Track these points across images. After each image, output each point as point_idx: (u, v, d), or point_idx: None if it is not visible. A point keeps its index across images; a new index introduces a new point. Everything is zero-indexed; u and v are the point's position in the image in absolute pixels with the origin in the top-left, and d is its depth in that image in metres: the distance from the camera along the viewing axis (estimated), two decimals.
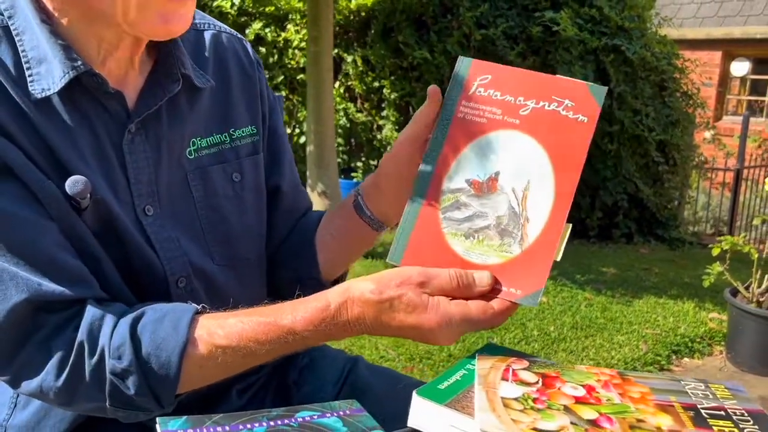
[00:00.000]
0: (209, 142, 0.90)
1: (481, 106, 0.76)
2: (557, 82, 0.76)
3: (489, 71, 0.77)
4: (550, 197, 0.73)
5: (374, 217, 0.92)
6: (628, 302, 3.93)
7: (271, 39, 5.99)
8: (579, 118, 0.74)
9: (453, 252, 0.74)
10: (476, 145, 0.76)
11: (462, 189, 0.75)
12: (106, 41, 0.77)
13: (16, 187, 0.72)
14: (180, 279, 0.84)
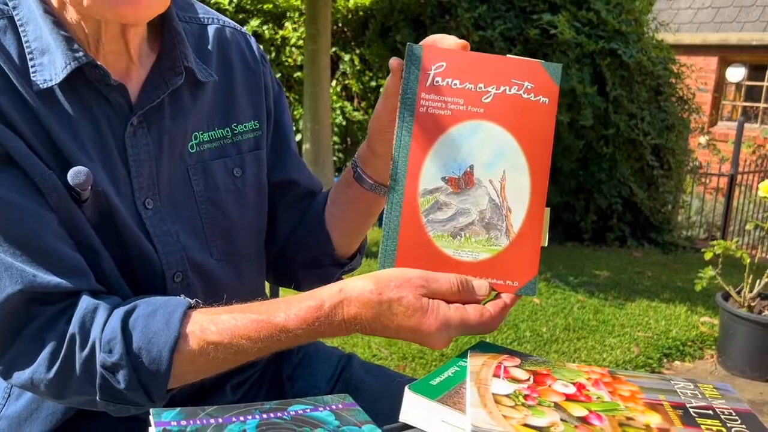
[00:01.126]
0: (211, 136, 0.90)
1: (442, 98, 0.73)
2: (513, 63, 0.74)
3: (443, 58, 0.74)
4: (527, 184, 0.74)
5: (377, 182, 0.90)
6: (621, 305, 3.94)
7: (268, 36, 5.99)
8: (540, 100, 0.74)
9: (443, 254, 0.74)
10: (445, 140, 0.73)
11: (439, 188, 0.74)
12: (89, 27, 0.77)
13: (17, 176, 0.72)
14: (176, 274, 0.85)
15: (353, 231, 0.99)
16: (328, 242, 0.98)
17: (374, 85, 5.90)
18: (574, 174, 5.41)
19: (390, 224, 0.73)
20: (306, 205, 1.02)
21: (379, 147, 0.86)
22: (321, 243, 0.98)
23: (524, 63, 0.74)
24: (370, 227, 1.01)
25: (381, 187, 0.91)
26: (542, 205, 0.74)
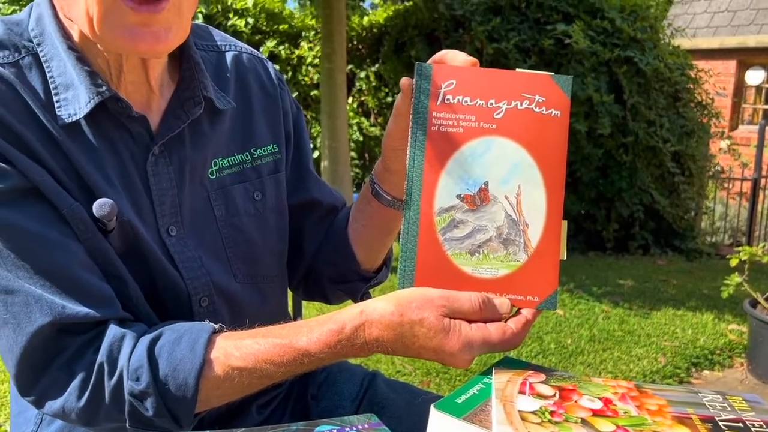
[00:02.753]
0: (231, 162, 0.91)
1: (454, 115, 0.73)
2: (523, 77, 0.74)
3: (452, 75, 0.73)
4: (543, 198, 0.74)
5: (394, 198, 0.90)
6: (646, 314, 3.89)
7: (284, 56, 6.07)
8: (552, 113, 0.74)
9: (462, 272, 0.73)
10: (458, 157, 0.73)
11: (455, 206, 0.73)
12: (112, 60, 0.79)
13: (45, 208, 0.74)
14: (203, 298, 0.86)
15: (376, 246, 0.99)
16: (352, 258, 0.99)
17: (390, 101, 5.94)
18: (594, 183, 5.37)
19: (407, 244, 0.73)
20: (329, 222, 1.04)
21: (393, 164, 0.86)
22: (346, 259, 0.99)
23: (534, 77, 0.74)
24: (392, 241, 1.02)
25: (399, 202, 0.91)
26: (559, 219, 0.74)
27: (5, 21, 0.81)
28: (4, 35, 0.79)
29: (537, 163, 0.74)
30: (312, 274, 1.05)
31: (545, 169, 0.74)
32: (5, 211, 0.72)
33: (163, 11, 0.72)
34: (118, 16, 0.71)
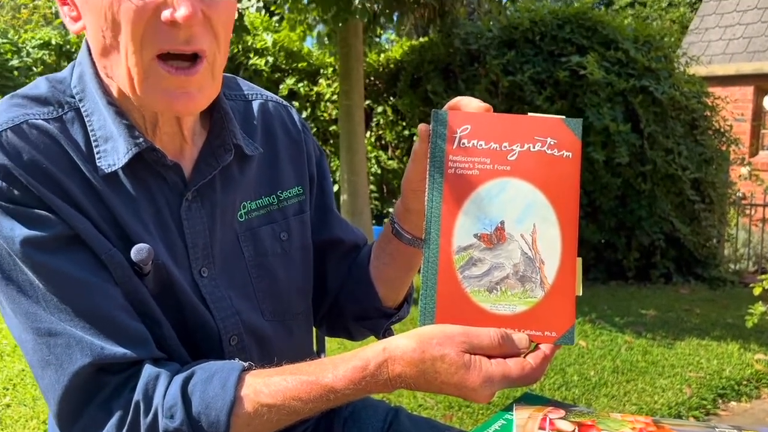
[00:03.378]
0: (258, 204, 0.96)
1: (469, 158, 0.76)
2: (534, 121, 0.77)
3: (467, 121, 0.77)
4: (558, 236, 0.76)
5: (414, 237, 0.94)
6: (670, 344, 3.85)
7: (304, 93, 6.19)
8: (564, 155, 0.77)
9: (481, 309, 0.76)
10: (475, 198, 0.76)
11: (473, 245, 0.76)
12: (148, 114, 0.85)
13: (86, 255, 0.79)
14: (232, 337, 0.89)
15: (397, 283, 1.03)
16: (374, 295, 1.02)
17: (407, 134, 6.01)
18: (614, 212, 5.37)
19: (427, 282, 0.76)
20: (352, 260, 1.07)
21: (413, 204, 0.90)
22: (368, 296, 1.02)
23: (545, 120, 0.78)
24: (413, 278, 1.05)
25: (419, 240, 0.94)
26: (574, 256, 0.76)
27: (50, 79, 0.87)
28: (48, 92, 0.84)
29: (551, 203, 0.76)
30: (335, 311, 1.08)
31: (559, 208, 0.76)
32: (49, 257, 0.77)
33: (197, 74, 0.78)
34: (157, 80, 0.77)
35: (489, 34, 5.55)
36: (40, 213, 0.77)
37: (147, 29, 0.75)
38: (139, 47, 0.76)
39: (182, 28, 0.75)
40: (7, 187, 0.76)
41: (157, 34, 0.75)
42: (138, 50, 0.76)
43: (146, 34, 0.75)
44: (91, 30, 0.79)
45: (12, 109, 0.81)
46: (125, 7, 0.74)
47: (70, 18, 0.83)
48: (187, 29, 0.76)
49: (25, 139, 0.79)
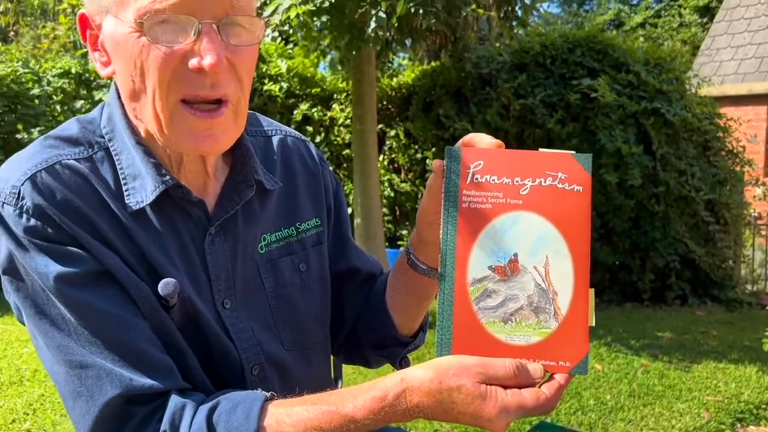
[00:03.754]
0: (278, 236, 0.99)
1: (482, 193, 0.79)
2: (545, 157, 0.80)
3: (480, 157, 0.80)
4: (570, 267, 0.78)
5: (430, 268, 0.96)
6: (687, 368, 3.82)
7: (317, 118, 6.26)
8: (575, 189, 0.79)
9: (496, 340, 0.78)
10: (488, 231, 0.78)
11: (487, 277, 0.78)
12: (174, 154, 0.89)
13: (115, 289, 0.82)
14: (254, 367, 0.92)
15: (413, 312, 1.05)
16: (390, 324, 1.04)
17: (420, 157, 6.05)
18: (627, 233, 5.36)
19: (443, 313, 0.78)
20: (368, 289, 1.10)
21: (428, 236, 0.93)
22: (384, 325, 1.05)
23: (556, 156, 0.80)
24: (428, 307, 1.07)
25: (434, 271, 0.97)
26: (586, 287, 0.78)
27: (80, 120, 0.91)
28: (79, 133, 0.89)
29: (562, 235, 0.79)
30: (352, 339, 1.11)
31: (570, 241, 0.79)
32: (81, 292, 0.80)
33: (221, 117, 0.82)
34: (182, 122, 0.81)
35: (500, 58, 5.61)
36: (72, 250, 0.80)
37: (174, 75, 0.79)
38: (165, 92, 0.80)
39: (208, 74, 0.79)
40: (42, 225, 0.80)
41: (184, 80, 0.80)
42: (165, 95, 0.80)
43: (173, 80, 0.79)
44: (121, 75, 0.84)
45: (46, 150, 0.86)
46: (154, 54, 0.78)
47: (101, 63, 0.87)
48: (213, 76, 0.80)
49: (58, 180, 0.82)
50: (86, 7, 0.85)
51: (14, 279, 0.83)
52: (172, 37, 0.78)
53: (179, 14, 0.77)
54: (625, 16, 20.92)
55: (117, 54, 0.82)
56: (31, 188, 0.81)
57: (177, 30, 0.78)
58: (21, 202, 0.80)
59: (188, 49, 0.79)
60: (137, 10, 0.77)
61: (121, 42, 0.80)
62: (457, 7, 3.71)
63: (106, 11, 0.81)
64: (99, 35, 0.85)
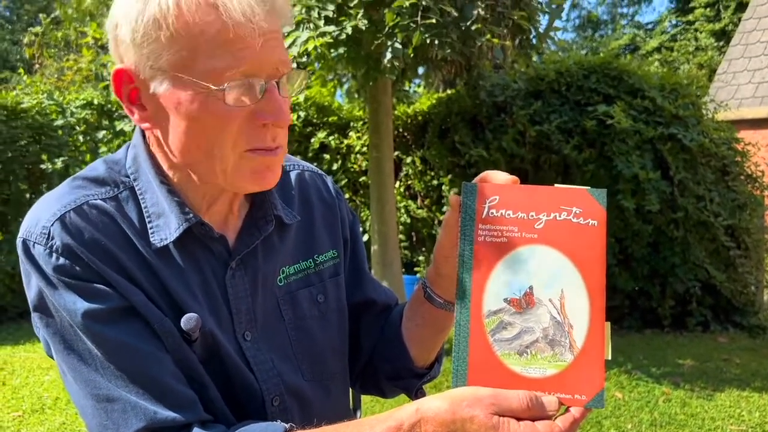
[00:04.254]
0: (296, 269, 1.02)
1: (498, 227, 0.80)
2: (560, 192, 0.81)
3: (496, 192, 0.82)
4: (586, 300, 0.79)
5: (446, 301, 0.99)
6: (709, 396, 3.76)
7: (334, 146, 6.33)
8: (590, 223, 0.80)
9: (512, 372, 0.78)
10: (503, 264, 0.80)
11: (503, 309, 0.79)
12: (208, 195, 0.93)
13: (140, 325, 0.85)
14: (275, 398, 0.94)
15: (428, 344, 1.07)
16: (406, 356, 1.06)
17: (436, 184, 6.08)
18: (646, 259, 5.32)
19: (459, 345, 0.79)
20: (384, 320, 1.12)
21: (444, 269, 0.95)
22: (400, 357, 1.06)
23: (571, 191, 0.81)
24: (444, 339, 1.08)
25: (449, 304, 0.99)
26: (602, 320, 0.79)
27: (106, 161, 0.95)
28: (106, 173, 0.92)
29: (578, 269, 0.79)
30: (369, 370, 1.13)
31: (586, 274, 0.79)
32: (107, 328, 0.83)
33: (277, 156, 0.88)
34: (248, 163, 0.86)
35: (515, 86, 5.65)
36: (99, 287, 0.83)
37: (240, 130, 0.84)
38: (231, 145, 0.84)
39: (271, 129, 0.85)
40: (71, 264, 0.83)
41: (250, 134, 0.85)
42: (231, 148, 0.84)
43: (240, 134, 0.84)
44: (176, 129, 0.85)
45: (74, 191, 0.89)
46: (224, 112, 0.82)
47: (140, 116, 0.88)
48: (275, 130, 0.86)
49: (85, 219, 0.86)
50: (127, 64, 0.85)
51: (44, 315, 0.86)
52: (242, 97, 0.82)
53: (248, 76, 0.82)
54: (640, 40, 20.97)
55: (173, 110, 0.84)
56: (61, 228, 0.84)
57: (245, 89, 0.82)
58: (51, 241, 0.83)
59: (257, 108, 0.83)
60: (206, 72, 0.80)
61: (183, 100, 0.82)
62: (471, 37, 3.76)
63: (161, 70, 0.83)
64: (139, 91, 0.86)
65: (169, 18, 0.79)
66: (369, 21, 3.69)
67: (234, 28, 0.79)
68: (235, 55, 0.80)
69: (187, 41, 0.80)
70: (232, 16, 0.79)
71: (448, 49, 3.64)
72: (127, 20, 0.82)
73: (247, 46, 0.81)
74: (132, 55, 0.84)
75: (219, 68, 0.80)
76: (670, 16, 20.36)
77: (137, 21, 0.81)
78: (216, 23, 0.80)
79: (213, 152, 0.84)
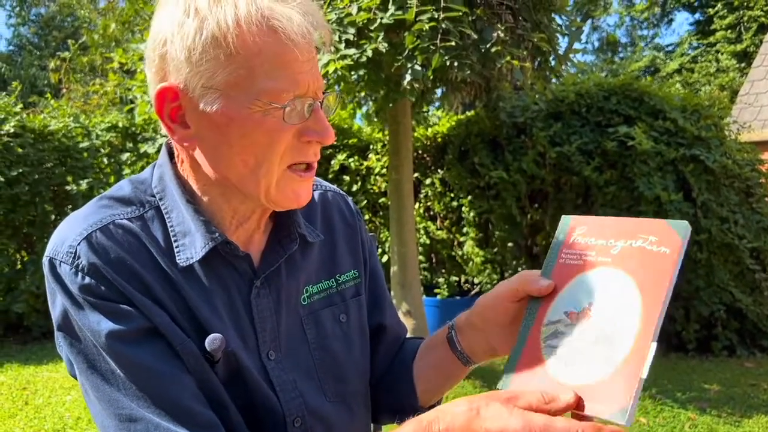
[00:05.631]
0: (319, 288, 1.03)
1: (578, 251, 0.88)
2: (642, 223, 0.85)
3: (585, 223, 0.90)
4: (638, 320, 0.79)
5: (464, 353, 1.00)
6: (737, 422, 3.67)
7: (354, 168, 6.36)
8: (662, 250, 0.82)
9: (550, 376, 0.81)
10: (574, 283, 0.86)
11: (560, 320, 0.84)
12: (239, 213, 0.94)
13: (162, 346, 0.85)
14: (296, 419, 0.94)
15: (436, 389, 1.08)
16: (413, 394, 1.07)
17: (455, 205, 6.08)
18: None
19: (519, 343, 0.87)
20: (395, 351, 1.12)
21: (477, 322, 0.98)
22: (406, 393, 1.07)
23: (653, 222, 0.85)
24: (447, 391, 1.09)
25: (466, 358, 1.01)
26: (648, 342, 0.78)
27: (132, 180, 0.96)
28: (131, 193, 0.93)
29: (639, 290, 0.81)
30: (372, 395, 1.11)
31: (646, 296, 0.81)
32: (130, 348, 0.83)
33: (313, 174, 0.92)
34: (289, 182, 0.89)
35: (535, 107, 5.65)
36: (123, 308, 0.84)
37: (287, 147, 0.87)
38: (278, 162, 0.87)
39: (313, 146, 0.89)
40: (96, 284, 0.84)
41: (296, 150, 0.87)
42: (277, 164, 0.87)
43: (286, 151, 0.87)
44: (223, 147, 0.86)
45: (100, 210, 0.90)
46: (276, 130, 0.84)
47: (181, 135, 0.88)
48: (316, 146, 0.89)
49: (111, 239, 0.87)
50: (175, 83, 0.85)
51: (68, 335, 0.86)
52: (295, 115, 0.85)
53: (300, 96, 0.85)
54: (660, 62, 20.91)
55: (223, 128, 0.85)
56: (87, 248, 0.85)
57: (297, 108, 0.85)
58: (77, 261, 0.84)
59: (304, 126, 0.87)
60: (264, 92, 0.82)
61: (236, 118, 0.83)
62: (491, 59, 3.78)
63: (213, 89, 0.83)
64: (183, 108, 0.86)
65: (229, 37, 0.81)
66: (389, 44, 3.72)
67: (292, 50, 0.82)
68: (292, 77, 0.83)
69: (245, 60, 0.82)
70: (291, 38, 0.82)
71: (468, 70, 3.66)
72: (181, 37, 0.82)
73: (302, 69, 0.84)
74: (184, 72, 0.84)
75: (278, 89, 0.83)
76: (691, 39, 20.31)
77: (194, 39, 0.81)
78: (275, 44, 0.82)
79: (260, 168, 0.86)
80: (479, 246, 5.98)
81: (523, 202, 5.66)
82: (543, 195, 5.71)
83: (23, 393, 4.54)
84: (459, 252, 6.12)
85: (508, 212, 5.66)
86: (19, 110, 6.47)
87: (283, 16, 0.82)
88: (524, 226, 5.80)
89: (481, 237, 5.97)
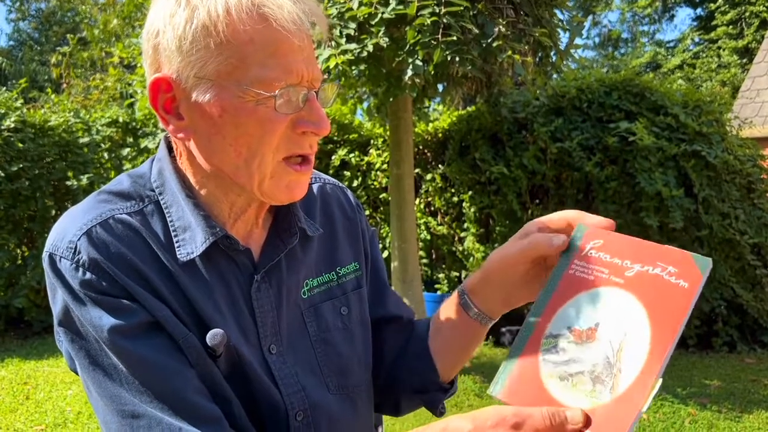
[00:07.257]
0: (320, 281, 1.02)
1: (590, 266, 0.83)
2: (663, 250, 0.80)
3: (602, 237, 0.85)
4: (645, 354, 0.76)
5: (482, 312, 0.99)
6: (737, 418, 3.67)
7: (355, 163, 6.36)
8: (680, 284, 0.77)
9: (547, 392, 0.78)
10: (581, 298, 0.82)
11: (562, 335, 0.81)
12: (237, 206, 0.93)
13: (165, 340, 0.85)
14: (298, 413, 0.94)
15: (456, 359, 1.07)
16: (433, 370, 1.06)
17: (456, 201, 6.07)
18: None
19: (512, 356, 0.83)
20: (407, 334, 1.11)
21: (495, 277, 0.96)
22: (427, 370, 1.06)
23: (675, 252, 0.80)
24: (469, 356, 1.08)
25: (484, 316, 0.99)
26: (653, 375, 0.75)
27: (131, 175, 0.96)
28: (131, 188, 0.93)
29: (650, 322, 0.77)
30: (388, 384, 1.11)
31: (656, 329, 0.77)
32: (132, 343, 0.83)
33: (309, 169, 0.90)
34: (284, 175, 0.88)
35: (536, 102, 5.64)
36: (124, 302, 0.83)
37: (282, 137, 0.85)
38: (273, 153, 0.86)
39: (309, 137, 0.87)
40: (97, 279, 0.83)
41: (291, 141, 0.86)
42: (272, 155, 0.86)
43: (281, 142, 0.85)
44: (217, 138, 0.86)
45: (100, 205, 0.89)
46: (270, 120, 0.83)
47: (176, 126, 0.88)
48: (312, 138, 0.88)
49: (111, 234, 0.86)
50: (168, 73, 0.85)
51: (69, 331, 0.86)
52: (288, 105, 0.84)
53: (293, 86, 0.83)
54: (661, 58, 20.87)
55: (216, 118, 0.84)
56: (87, 243, 0.84)
57: (291, 98, 0.84)
58: (77, 256, 0.83)
59: (300, 116, 0.85)
60: (256, 81, 0.81)
61: (228, 108, 0.83)
62: (492, 53, 3.77)
63: (206, 78, 0.83)
64: (176, 100, 0.86)
65: (219, 25, 0.80)
66: (390, 39, 3.71)
67: (285, 37, 0.81)
68: (285, 66, 0.82)
69: (236, 49, 0.81)
70: (283, 25, 0.81)
71: (469, 65, 3.65)
72: (172, 27, 0.82)
73: (295, 57, 0.83)
74: (176, 63, 0.83)
75: (270, 78, 0.81)
76: (692, 34, 20.27)
77: (185, 28, 0.81)
78: (266, 32, 0.81)
79: (253, 160, 0.85)
80: (480, 241, 5.97)
81: (524, 197, 5.66)
82: (544, 190, 5.70)
83: (24, 388, 4.55)
84: (460, 247, 6.12)
85: (508, 208, 5.66)
86: (19, 105, 6.47)
87: (274, 3, 0.81)
88: (525, 221, 5.77)
89: (482, 232, 5.97)
